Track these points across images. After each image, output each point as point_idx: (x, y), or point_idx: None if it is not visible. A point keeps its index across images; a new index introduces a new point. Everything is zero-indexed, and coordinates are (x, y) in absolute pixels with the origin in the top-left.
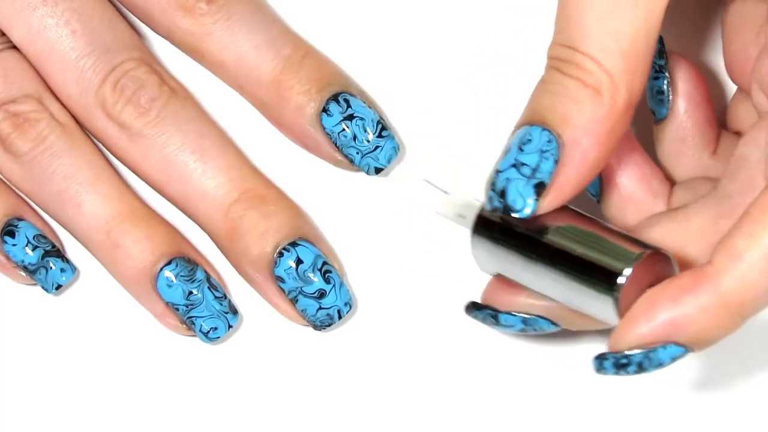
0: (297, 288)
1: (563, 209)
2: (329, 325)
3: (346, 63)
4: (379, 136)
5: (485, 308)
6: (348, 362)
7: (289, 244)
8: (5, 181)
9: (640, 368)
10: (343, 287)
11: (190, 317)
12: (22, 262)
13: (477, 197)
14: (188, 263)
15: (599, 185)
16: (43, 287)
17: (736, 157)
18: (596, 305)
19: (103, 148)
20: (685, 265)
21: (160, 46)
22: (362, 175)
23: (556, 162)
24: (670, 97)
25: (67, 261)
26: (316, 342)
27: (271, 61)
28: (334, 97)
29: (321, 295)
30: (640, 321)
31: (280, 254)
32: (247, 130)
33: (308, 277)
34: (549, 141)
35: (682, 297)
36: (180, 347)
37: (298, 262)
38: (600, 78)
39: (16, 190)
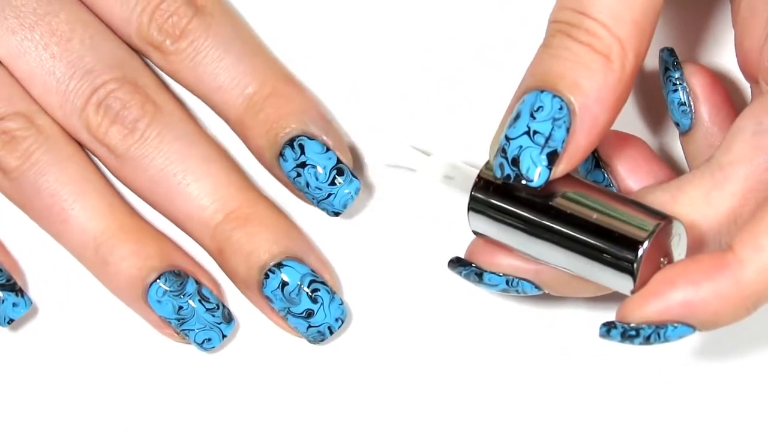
0: (285, 308)
1: (567, 175)
2: (322, 341)
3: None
4: (332, 183)
5: (470, 265)
6: (346, 365)
7: (275, 265)
8: None
9: (647, 341)
10: (334, 302)
11: (183, 329)
12: None
13: (461, 159)
14: (178, 277)
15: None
16: None
17: (731, 131)
18: (611, 274)
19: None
20: None
21: None
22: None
23: (568, 130)
24: (692, 106)
25: (22, 295)
26: (314, 345)
27: (235, 100)
28: (290, 142)
29: (309, 314)
30: (656, 298)
31: (266, 275)
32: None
33: (294, 298)
34: (560, 108)
35: (701, 281)
36: (178, 352)
37: (284, 284)
38: (610, 44)
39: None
